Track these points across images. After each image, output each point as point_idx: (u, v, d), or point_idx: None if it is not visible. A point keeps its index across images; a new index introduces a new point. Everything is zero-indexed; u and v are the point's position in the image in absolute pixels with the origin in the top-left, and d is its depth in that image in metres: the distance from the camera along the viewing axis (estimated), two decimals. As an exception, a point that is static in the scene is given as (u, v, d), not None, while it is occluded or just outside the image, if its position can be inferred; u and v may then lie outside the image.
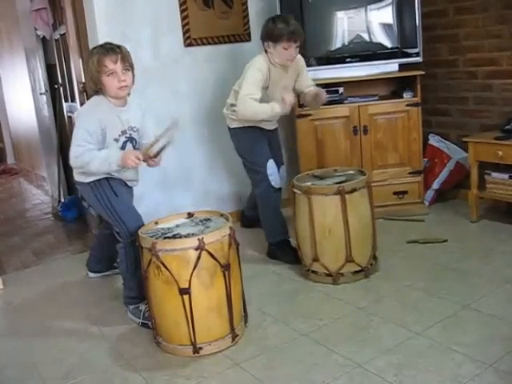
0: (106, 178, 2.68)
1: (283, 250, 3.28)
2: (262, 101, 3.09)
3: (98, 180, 2.67)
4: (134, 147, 2.72)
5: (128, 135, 2.68)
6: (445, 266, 3.02)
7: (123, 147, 2.67)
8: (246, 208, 3.92)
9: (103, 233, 3.10)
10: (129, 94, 2.68)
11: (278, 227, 3.32)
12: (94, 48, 2.61)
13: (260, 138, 3.29)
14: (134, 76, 2.64)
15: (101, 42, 3.44)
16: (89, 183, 2.69)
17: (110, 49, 2.53)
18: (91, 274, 3.32)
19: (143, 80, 3.61)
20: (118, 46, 2.57)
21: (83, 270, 3.41)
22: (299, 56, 3.27)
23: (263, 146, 3.30)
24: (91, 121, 2.56)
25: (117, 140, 2.64)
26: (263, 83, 3.12)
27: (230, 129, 3.38)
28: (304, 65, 3.38)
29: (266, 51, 3.16)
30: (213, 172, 4.05)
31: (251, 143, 3.30)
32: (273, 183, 3.25)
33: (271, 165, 3.25)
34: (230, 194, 4.12)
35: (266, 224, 3.36)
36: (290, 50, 3.08)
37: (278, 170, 3.33)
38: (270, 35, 3.08)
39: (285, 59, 3.13)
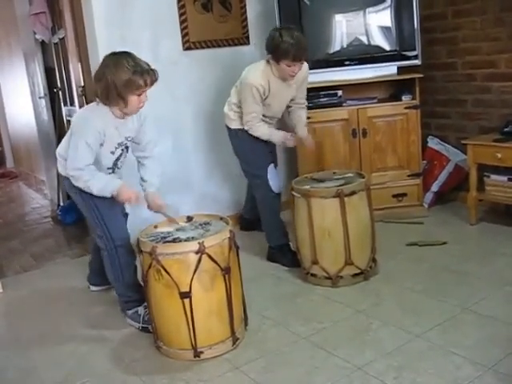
0: None
1: (283, 254, 3.28)
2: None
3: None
4: (125, 154, 2.71)
5: (123, 146, 2.67)
6: (444, 268, 3.02)
7: (117, 160, 2.67)
8: (243, 211, 3.92)
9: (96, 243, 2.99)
10: None
11: (277, 231, 3.33)
12: (121, 60, 2.44)
13: (260, 141, 3.29)
14: None
15: (100, 45, 3.51)
16: (79, 190, 2.61)
17: (147, 70, 2.45)
18: (92, 288, 3.22)
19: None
20: (151, 67, 2.49)
21: (83, 274, 3.40)
22: (305, 66, 3.24)
23: (264, 149, 3.30)
24: (92, 133, 2.48)
25: (113, 152, 2.62)
26: (262, 97, 3.14)
27: (229, 129, 3.36)
28: (307, 77, 3.33)
29: (268, 62, 3.16)
30: (211, 175, 4.05)
31: (252, 146, 3.29)
32: (273, 188, 3.25)
33: (271, 169, 3.25)
34: (229, 197, 4.12)
35: (266, 227, 3.37)
36: (293, 68, 3.06)
37: None
38: (276, 50, 3.03)
39: (287, 75, 3.11)
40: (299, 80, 3.25)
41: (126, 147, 2.70)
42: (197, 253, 2.26)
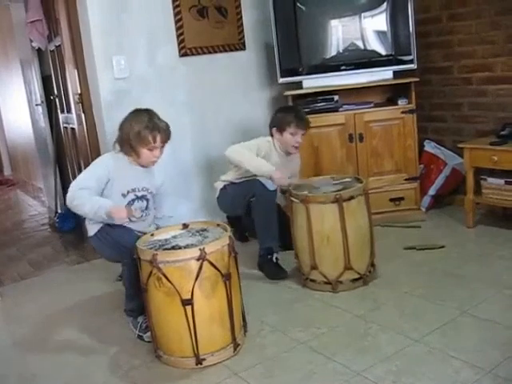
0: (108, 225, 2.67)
1: (266, 265, 3.23)
2: None
3: (101, 227, 2.69)
4: (147, 207, 2.79)
5: (139, 194, 2.74)
6: (442, 271, 3.02)
7: (131, 203, 2.72)
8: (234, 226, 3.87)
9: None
10: None
11: (270, 232, 3.24)
12: (140, 116, 2.66)
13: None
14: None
15: (96, 53, 3.52)
16: (95, 234, 2.71)
17: (158, 127, 2.64)
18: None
19: (139, 90, 3.64)
20: (165, 123, 2.68)
21: (81, 281, 3.41)
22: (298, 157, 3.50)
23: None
24: (103, 166, 2.68)
25: (124, 195, 2.71)
26: (257, 152, 3.27)
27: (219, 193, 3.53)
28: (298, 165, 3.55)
29: (271, 136, 3.39)
30: (210, 181, 4.04)
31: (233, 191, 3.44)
32: (267, 185, 3.21)
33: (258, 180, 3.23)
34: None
35: (260, 227, 3.26)
36: (296, 137, 3.29)
37: None
38: (280, 122, 3.32)
39: (290, 146, 3.32)
40: (297, 157, 3.51)
41: (143, 197, 2.77)
42: (198, 259, 2.25)
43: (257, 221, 3.26)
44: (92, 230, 2.73)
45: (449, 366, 2.13)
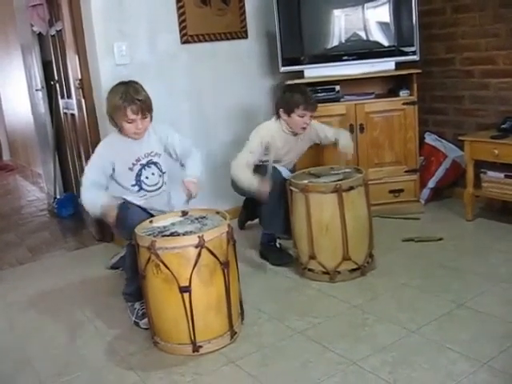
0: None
1: (270, 251, 3.26)
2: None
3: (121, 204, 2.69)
4: (160, 170, 2.80)
5: (145, 162, 2.75)
6: (440, 264, 3.02)
7: (139, 175, 2.74)
8: (242, 212, 3.89)
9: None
10: None
11: (275, 217, 3.23)
12: (117, 89, 2.64)
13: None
14: (151, 118, 2.72)
15: (97, 38, 3.50)
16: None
17: (132, 99, 2.59)
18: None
19: (140, 77, 3.60)
20: (140, 95, 2.62)
21: (79, 267, 3.41)
22: (313, 124, 3.38)
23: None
24: (102, 157, 2.70)
25: (131, 169, 2.72)
26: (261, 151, 3.22)
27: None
28: (317, 127, 3.44)
29: (278, 118, 3.30)
30: (210, 169, 4.04)
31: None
32: (283, 173, 3.23)
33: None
34: (227, 193, 4.09)
35: (266, 212, 3.25)
36: (305, 118, 3.22)
37: None
38: (287, 104, 3.22)
39: (299, 127, 3.25)
40: (312, 135, 3.43)
41: (150, 162, 2.77)
42: (196, 247, 2.25)
43: (265, 205, 3.21)
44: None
45: (445, 358, 2.14)
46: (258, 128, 3.33)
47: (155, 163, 2.79)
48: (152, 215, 2.70)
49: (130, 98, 2.59)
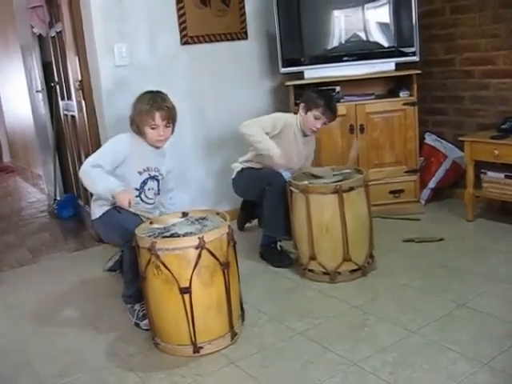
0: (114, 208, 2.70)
1: (271, 253, 3.26)
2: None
3: (106, 211, 2.71)
4: (158, 189, 2.87)
5: (152, 174, 2.80)
6: (440, 264, 3.02)
7: (144, 183, 2.78)
8: (241, 214, 3.89)
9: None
10: None
11: (277, 221, 3.23)
12: (145, 96, 2.72)
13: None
14: (173, 130, 2.81)
15: (97, 39, 3.49)
16: (100, 217, 2.74)
17: (158, 105, 2.68)
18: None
19: (140, 78, 3.62)
20: (168, 103, 2.73)
21: (79, 268, 3.40)
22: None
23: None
24: (120, 144, 2.73)
25: (140, 173, 2.76)
26: (270, 131, 3.25)
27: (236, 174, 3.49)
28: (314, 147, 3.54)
29: (295, 113, 3.36)
30: (210, 170, 4.04)
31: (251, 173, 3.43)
32: (286, 177, 3.23)
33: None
34: (227, 194, 4.10)
35: (268, 215, 3.25)
36: (318, 122, 3.24)
37: None
38: (310, 100, 3.26)
39: (309, 127, 3.28)
40: (312, 142, 3.49)
41: (155, 178, 2.83)
42: (197, 248, 2.25)
43: (266, 208, 3.24)
44: (97, 212, 2.76)
45: (445, 358, 2.14)
46: (272, 115, 3.41)
47: (158, 181, 2.85)
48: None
49: (159, 103, 2.69)
